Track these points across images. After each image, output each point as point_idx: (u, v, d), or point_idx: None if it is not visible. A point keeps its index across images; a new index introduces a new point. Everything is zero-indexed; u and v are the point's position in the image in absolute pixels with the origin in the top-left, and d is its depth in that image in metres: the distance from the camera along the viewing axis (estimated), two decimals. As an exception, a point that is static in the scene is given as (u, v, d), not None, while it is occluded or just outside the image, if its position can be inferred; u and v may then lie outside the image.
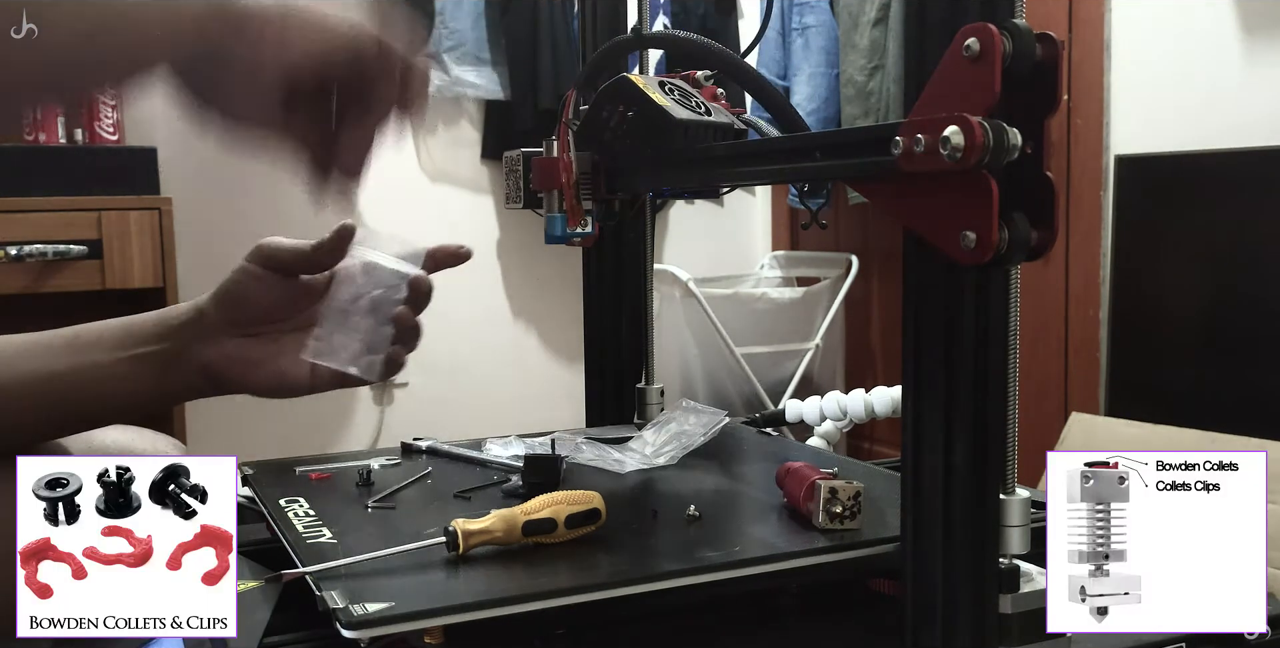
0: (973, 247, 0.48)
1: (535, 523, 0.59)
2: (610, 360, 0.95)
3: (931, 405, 0.52)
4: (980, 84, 0.47)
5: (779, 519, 0.66)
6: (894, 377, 1.20)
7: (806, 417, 1.06)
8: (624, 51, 0.80)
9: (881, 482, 0.71)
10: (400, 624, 0.51)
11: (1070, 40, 2.35)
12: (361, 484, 0.74)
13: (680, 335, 2.78)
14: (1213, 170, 2.12)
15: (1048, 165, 0.50)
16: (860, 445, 3.11)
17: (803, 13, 2.86)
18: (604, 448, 0.79)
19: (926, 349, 0.52)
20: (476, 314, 2.99)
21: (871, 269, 3.00)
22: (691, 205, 3.24)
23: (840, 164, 0.55)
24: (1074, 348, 2.41)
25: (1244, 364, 2.06)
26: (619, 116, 0.64)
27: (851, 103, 2.74)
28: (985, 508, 0.52)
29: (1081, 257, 2.38)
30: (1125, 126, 2.31)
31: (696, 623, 0.62)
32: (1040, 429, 2.24)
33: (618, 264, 0.94)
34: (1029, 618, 0.54)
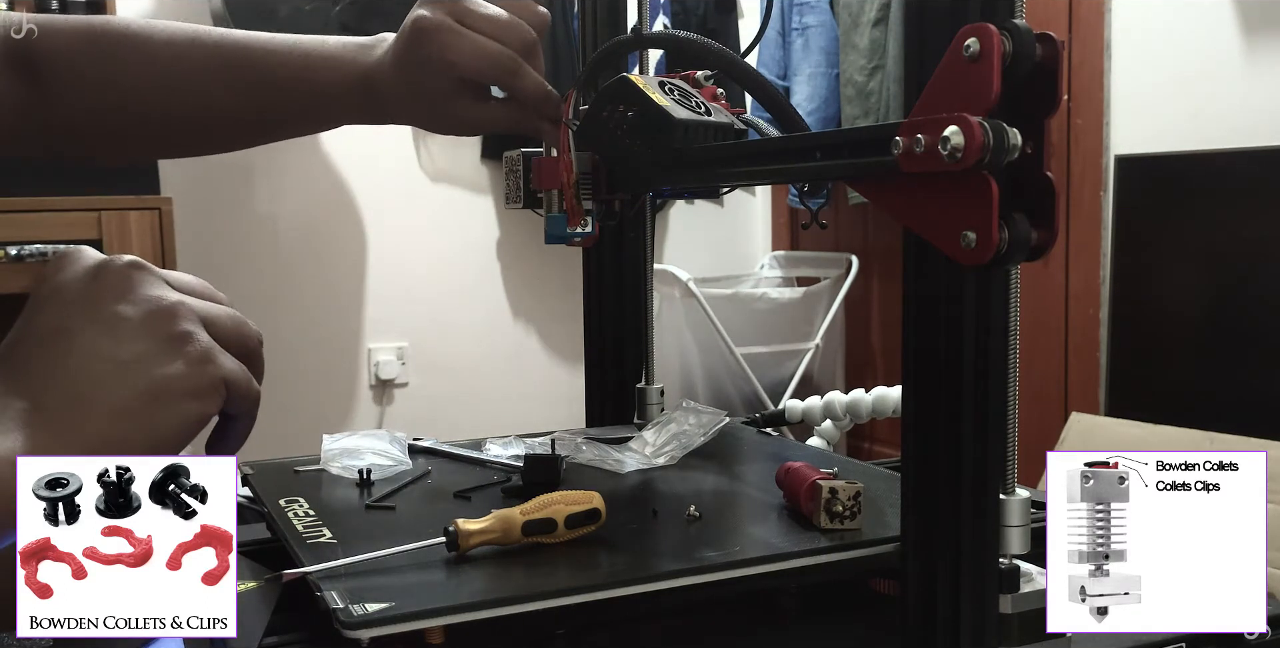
0: (973, 247, 0.48)
1: (535, 523, 0.59)
2: (610, 360, 0.95)
3: (931, 405, 0.52)
4: (980, 84, 0.47)
5: (779, 519, 0.66)
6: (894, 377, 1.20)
7: (806, 417, 1.06)
8: (624, 51, 0.80)
9: (881, 482, 0.71)
10: (400, 624, 0.51)
11: (1070, 40, 2.36)
12: (361, 484, 0.74)
13: (680, 335, 2.79)
14: (1213, 170, 2.13)
15: (1048, 165, 0.50)
16: (860, 445, 3.11)
17: (803, 13, 2.86)
18: (604, 448, 0.79)
19: (926, 349, 0.52)
20: (476, 314, 2.99)
21: (871, 269, 3.00)
22: (691, 205, 3.24)
23: (840, 164, 0.55)
24: (1074, 348, 2.41)
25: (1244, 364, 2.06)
26: (619, 116, 0.64)
27: (851, 103, 2.74)
28: (985, 508, 0.52)
29: (1081, 257, 2.38)
30: (1125, 126, 2.31)
31: (696, 623, 0.62)
32: (1040, 429, 2.24)
33: (618, 264, 0.94)
34: (1029, 618, 0.54)
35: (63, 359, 0.45)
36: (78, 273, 0.48)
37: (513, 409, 3.01)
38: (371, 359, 2.89)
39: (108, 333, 0.46)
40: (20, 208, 2.04)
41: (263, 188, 2.75)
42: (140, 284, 0.47)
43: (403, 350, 2.90)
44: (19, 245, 2.00)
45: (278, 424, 2.94)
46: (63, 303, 0.47)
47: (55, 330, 0.46)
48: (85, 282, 0.47)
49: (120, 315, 0.46)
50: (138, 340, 0.46)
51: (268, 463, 0.80)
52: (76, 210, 2.07)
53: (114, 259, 0.48)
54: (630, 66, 0.84)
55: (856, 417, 1.06)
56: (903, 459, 0.54)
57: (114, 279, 0.47)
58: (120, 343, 0.46)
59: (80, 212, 2.07)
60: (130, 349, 0.46)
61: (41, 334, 0.46)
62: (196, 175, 2.59)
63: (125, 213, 2.09)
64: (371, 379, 2.90)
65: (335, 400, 2.89)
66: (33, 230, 2.03)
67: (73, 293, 0.47)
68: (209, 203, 2.67)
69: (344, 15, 2.51)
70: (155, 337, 0.46)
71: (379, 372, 2.88)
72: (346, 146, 2.78)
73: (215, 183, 2.65)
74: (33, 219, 2.04)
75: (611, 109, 0.64)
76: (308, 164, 2.76)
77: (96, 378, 0.45)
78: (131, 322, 0.46)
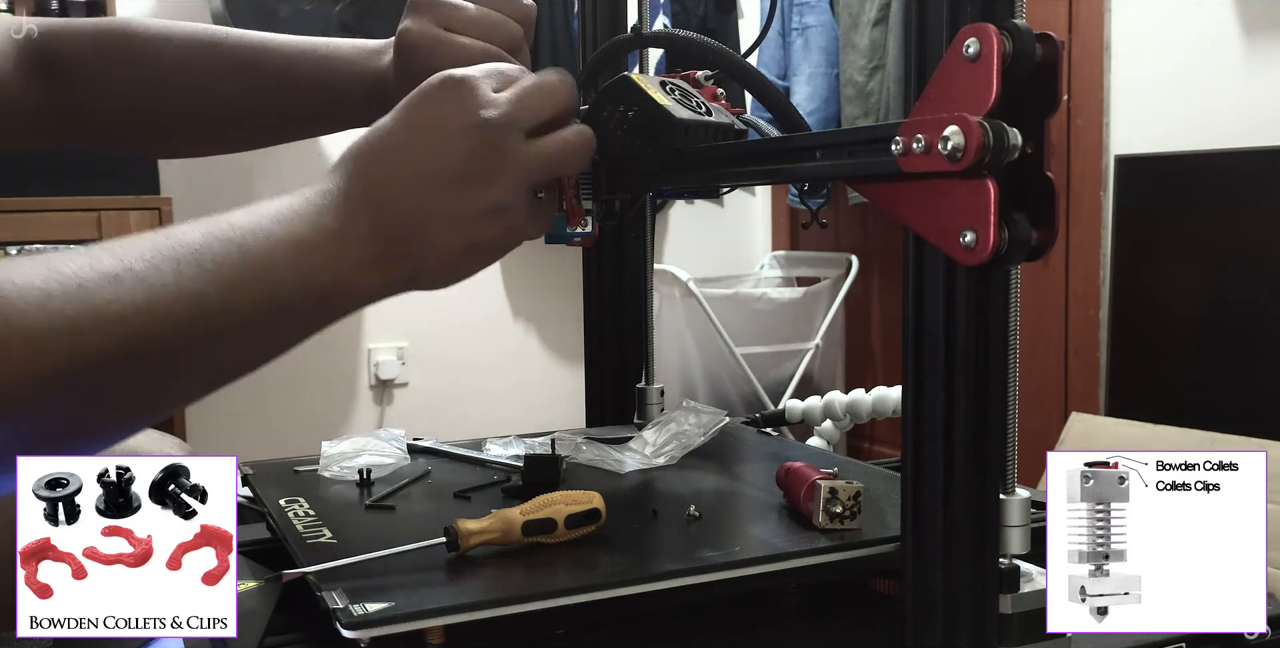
0: (973, 247, 0.48)
1: (535, 523, 0.59)
2: (610, 360, 0.95)
3: (931, 405, 0.52)
4: (980, 84, 0.47)
5: (779, 519, 0.66)
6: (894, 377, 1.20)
7: (806, 417, 1.06)
8: (624, 51, 0.80)
9: (881, 482, 0.71)
10: (400, 624, 0.51)
11: (1070, 40, 2.36)
12: (361, 484, 0.74)
13: (680, 335, 2.79)
14: (1213, 170, 2.13)
15: (1048, 165, 0.50)
16: (860, 445, 3.11)
17: (803, 13, 2.86)
18: (604, 448, 0.79)
19: (926, 349, 0.52)
20: (476, 314, 2.99)
21: (871, 269, 3.00)
22: (691, 205, 3.24)
23: (840, 164, 0.55)
24: (1074, 348, 2.41)
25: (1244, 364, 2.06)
26: (619, 116, 0.64)
27: (851, 103, 2.74)
28: (985, 508, 0.52)
29: (1081, 257, 2.38)
30: (1125, 126, 2.31)
31: (696, 623, 0.62)
32: (1040, 429, 2.24)
33: (618, 264, 0.94)
34: (1029, 618, 0.54)
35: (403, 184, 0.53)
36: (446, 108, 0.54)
37: (513, 409, 3.01)
38: (371, 359, 2.89)
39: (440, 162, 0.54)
40: (20, 208, 2.04)
41: (263, 188, 2.74)
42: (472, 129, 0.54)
43: (403, 350, 2.90)
44: (19, 245, 2.00)
45: (278, 424, 2.94)
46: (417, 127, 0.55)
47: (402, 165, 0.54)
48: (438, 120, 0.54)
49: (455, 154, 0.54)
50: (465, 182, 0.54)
51: (268, 463, 0.80)
52: (76, 210, 2.07)
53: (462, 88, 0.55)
54: (630, 66, 0.84)
55: (856, 417, 1.06)
56: (903, 459, 0.54)
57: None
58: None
59: (80, 212, 2.07)
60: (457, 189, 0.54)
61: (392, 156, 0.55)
62: (196, 175, 2.58)
63: (125, 213, 2.10)
64: (371, 379, 2.90)
65: (335, 400, 2.89)
66: (33, 230, 2.03)
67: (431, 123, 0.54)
68: (209, 203, 2.66)
69: (344, 15, 2.51)
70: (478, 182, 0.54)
71: (379, 372, 2.88)
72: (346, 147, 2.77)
73: (215, 183, 2.65)
74: (33, 219, 2.04)
75: (612, 109, 0.64)
76: (308, 164, 2.76)
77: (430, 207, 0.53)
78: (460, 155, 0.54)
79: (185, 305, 0.46)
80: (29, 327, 0.43)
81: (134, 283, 0.45)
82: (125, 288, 0.45)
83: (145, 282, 0.46)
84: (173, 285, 0.46)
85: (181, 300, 0.46)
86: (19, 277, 0.43)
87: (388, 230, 0.53)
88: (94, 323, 0.44)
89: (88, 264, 0.45)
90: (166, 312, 0.46)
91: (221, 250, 0.48)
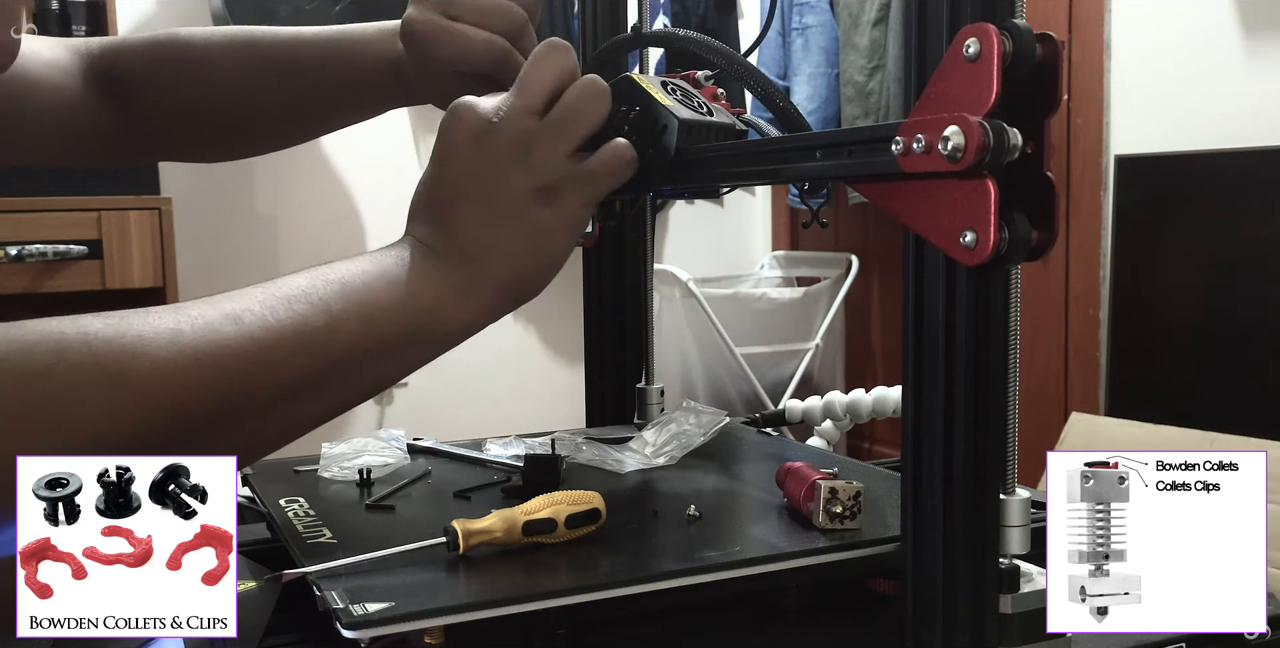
0: (973, 247, 0.48)
1: (535, 523, 0.59)
2: (610, 360, 0.95)
3: (931, 405, 0.52)
4: (980, 84, 0.47)
5: (779, 519, 0.66)
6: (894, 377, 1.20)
7: (806, 417, 1.06)
8: (624, 51, 0.80)
9: (881, 482, 0.71)
10: (400, 624, 0.51)
11: (1070, 40, 2.36)
12: (361, 484, 0.74)
13: (680, 335, 2.79)
14: (1213, 170, 2.13)
15: (1048, 165, 0.50)
16: (860, 445, 3.11)
17: (803, 13, 2.86)
18: (604, 448, 0.79)
19: (926, 349, 0.52)
20: (476, 314, 2.98)
21: (871, 269, 3.00)
22: (691, 205, 3.24)
23: (840, 164, 0.55)
24: (1074, 348, 2.41)
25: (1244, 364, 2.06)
26: (620, 116, 0.64)
27: (851, 103, 2.75)
28: (985, 508, 0.52)
29: (1081, 257, 2.38)
30: (1125, 126, 2.31)
31: (696, 623, 0.62)
32: (1040, 429, 2.24)
33: (618, 264, 0.94)
34: (1029, 618, 0.54)
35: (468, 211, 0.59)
36: (469, 132, 0.59)
37: (513, 409, 3.01)
38: (371, 359, 2.89)
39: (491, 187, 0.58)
40: (20, 208, 2.04)
41: (263, 188, 2.74)
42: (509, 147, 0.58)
43: (403, 350, 2.90)
44: (19, 245, 2.00)
45: (278, 424, 2.92)
46: (457, 163, 0.59)
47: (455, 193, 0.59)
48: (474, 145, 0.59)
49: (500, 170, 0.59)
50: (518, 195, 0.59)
51: (268, 463, 0.80)
52: (76, 210, 2.07)
53: (491, 116, 0.59)
54: (630, 66, 0.84)
55: (856, 417, 1.06)
56: (903, 459, 0.54)
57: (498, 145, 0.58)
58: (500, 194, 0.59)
59: (80, 212, 2.07)
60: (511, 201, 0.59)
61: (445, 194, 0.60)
62: (197, 175, 2.58)
63: (125, 213, 2.09)
64: (371, 379, 2.90)
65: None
66: (33, 230, 2.03)
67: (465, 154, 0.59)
68: (209, 203, 2.67)
69: (344, 15, 2.51)
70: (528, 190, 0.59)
71: (379, 372, 2.88)
72: (346, 147, 2.78)
73: (215, 183, 2.65)
74: (33, 219, 2.04)
75: (613, 108, 0.64)
76: (308, 164, 2.76)
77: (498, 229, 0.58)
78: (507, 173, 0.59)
79: (297, 338, 0.53)
80: (162, 358, 0.49)
81: (253, 321, 0.52)
82: (245, 326, 0.52)
83: (263, 319, 0.52)
84: (286, 321, 0.53)
85: (296, 334, 0.53)
86: (152, 316, 0.50)
87: (463, 253, 0.58)
88: (219, 356, 0.50)
89: (210, 307, 0.52)
90: (280, 344, 0.52)
91: (325, 288, 0.55)
